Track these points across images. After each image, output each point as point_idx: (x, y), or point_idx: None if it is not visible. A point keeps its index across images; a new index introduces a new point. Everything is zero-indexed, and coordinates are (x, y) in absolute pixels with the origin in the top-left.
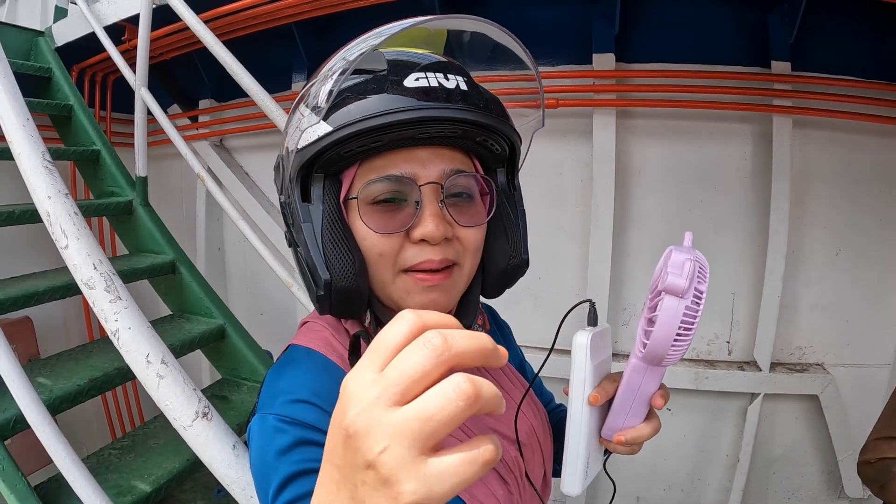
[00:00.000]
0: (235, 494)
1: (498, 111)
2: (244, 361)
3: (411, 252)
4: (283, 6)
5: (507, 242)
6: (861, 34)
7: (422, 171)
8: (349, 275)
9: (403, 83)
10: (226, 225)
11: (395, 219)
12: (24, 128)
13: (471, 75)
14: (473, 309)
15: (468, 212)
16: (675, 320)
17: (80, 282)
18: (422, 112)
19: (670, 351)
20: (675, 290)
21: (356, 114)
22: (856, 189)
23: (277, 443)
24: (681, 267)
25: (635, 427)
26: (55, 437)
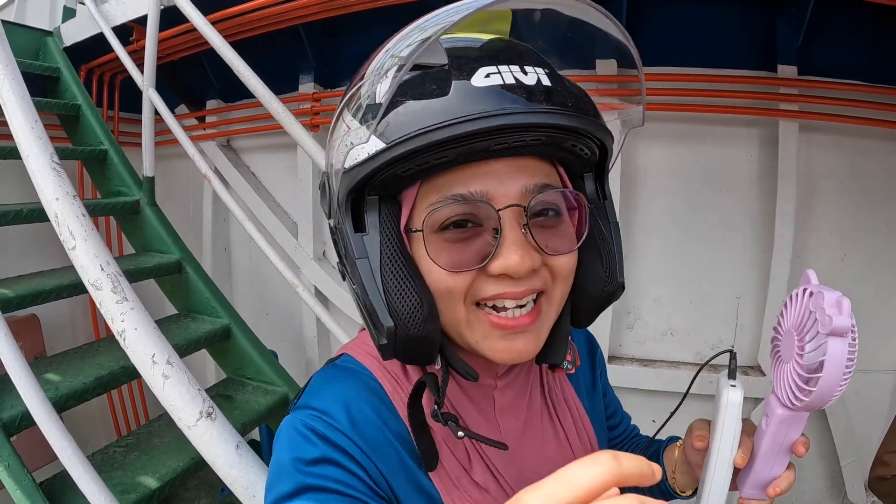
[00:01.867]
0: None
1: (588, 109)
2: (249, 361)
3: (488, 285)
4: (290, 8)
5: (601, 265)
6: (868, 38)
7: (499, 190)
8: (417, 321)
9: (471, 81)
10: (232, 225)
11: (467, 250)
12: (33, 130)
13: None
14: (562, 345)
15: (557, 234)
16: (843, 363)
17: (88, 283)
18: (498, 119)
19: (835, 395)
20: (843, 330)
21: (414, 125)
22: (862, 193)
23: (303, 450)
24: (839, 306)
25: (784, 476)
26: (61, 434)
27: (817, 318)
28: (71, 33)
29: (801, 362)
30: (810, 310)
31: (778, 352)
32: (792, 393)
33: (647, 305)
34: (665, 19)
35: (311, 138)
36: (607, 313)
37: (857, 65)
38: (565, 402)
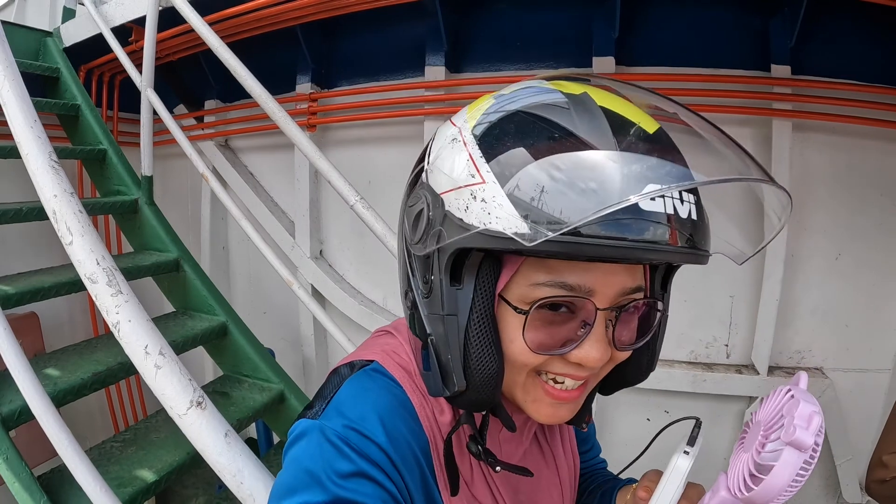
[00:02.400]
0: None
1: (709, 241)
2: (246, 359)
3: (558, 366)
4: (287, 9)
5: (644, 359)
6: (861, 38)
7: (603, 289)
8: (489, 388)
9: (639, 204)
10: (230, 224)
11: (556, 334)
12: (32, 129)
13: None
14: (586, 411)
15: (628, 332)
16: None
17: (84, 276)
18: (651, 254)
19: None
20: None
21: (570, 221)
22: (856, 193)
23: (336, 462)
24: (808, 420)
25: None
26: (59, 427)
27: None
28: (70, 34)
29: (756, 459)
30: (783, 413)
31: (744, 438)
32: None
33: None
34: (659, 20)
35: (307, 138)
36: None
37: (851, 64)
38: (558, 429)
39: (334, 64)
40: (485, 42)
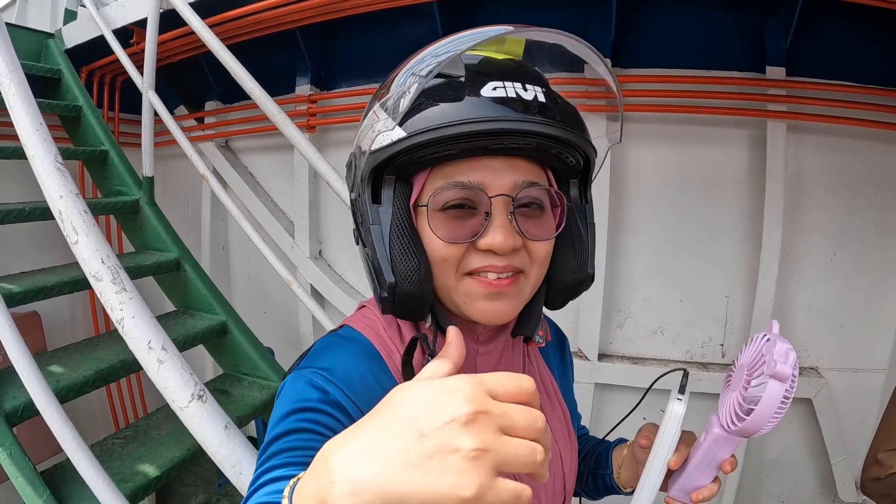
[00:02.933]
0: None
1: (574, 124)
2: (245, 357)
3: (474, 258)
4: (287, 12)
5: (573, 257)
6: (856, 39)
7: (493, 182)
8: (414, 280)
9: (481, 92)
10: (230, 225)
11: (463, 227)
12: (38, 132)
13: (549, 84)
14: (536, 320)
15: (538, 224)
16: (776, 403)
17: (89, 274)
18: (497, 124)
19: (764, 428)
20: (783, 377)
21: (431, 121)
22: (850, 193)
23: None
24: (786, 356)
25: (707, 487)
26: (62, 422)
27: (766, 361)
28: (72, 35)
29: (745, 394)
30: (763, 353)
31: (729, 381)
32: (730, 417)
33: (637, 304)
34: (654, 21)
35: (305, 139)
36: (597, 311)
37: (846, 66)
38: (541, 378)
39: (333, 66)
40: None
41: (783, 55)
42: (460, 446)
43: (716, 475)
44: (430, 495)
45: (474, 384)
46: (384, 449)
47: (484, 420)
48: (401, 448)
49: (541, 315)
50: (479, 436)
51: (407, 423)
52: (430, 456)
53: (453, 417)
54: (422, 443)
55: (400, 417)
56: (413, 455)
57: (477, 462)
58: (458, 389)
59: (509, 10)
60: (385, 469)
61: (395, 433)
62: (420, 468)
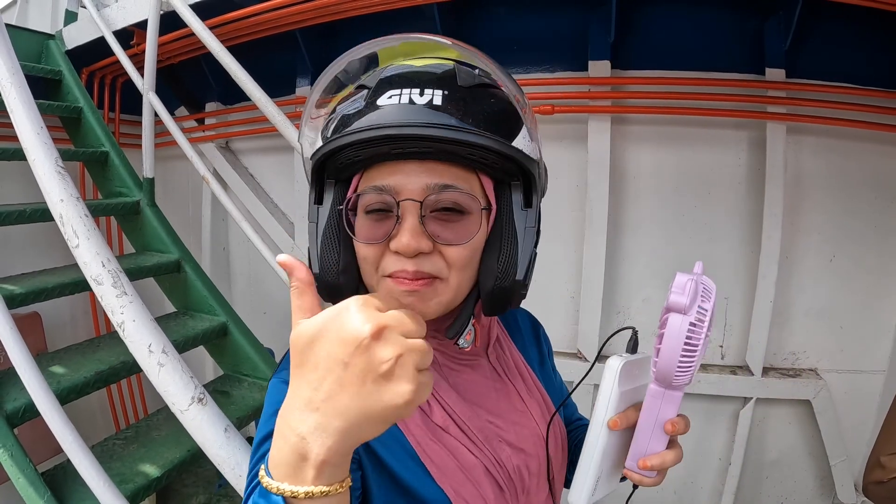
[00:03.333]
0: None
1: (481, 124)
2: (246, 358)
3: (390, 261)
4: (287, 13)
5: (496, 264)
6: (856, 41)
7: (405, 186)
8: (333, 272)
9: (377, 102)
10: (231, 226)
11: (379, 229)
12: (39, 135)
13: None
14: (461, 324)
15: (454, 228)
16: (680, 337)
17: (90, 278)
18: (379, 131)
19: (677, 370)
20: (678, 307)
21: (336, 130)
22: (850, 195)
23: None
24: (683, 286)
25: (659, 453)
26: (63, 423)
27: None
28: (73, 37)
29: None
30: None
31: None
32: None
33: (637, 306)
34: (654, 23)
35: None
36: (596, 312)
37: (845, 68)
38: (516, 368)
39: None
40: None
41: (783, 57)
42: (381, 358)
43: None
44: (381, 412)
45: (363, 304)
46: (324, 392)
47: (387, 332)
48: (336, 385)
49: (468, 320)
50: (391, 345)
51: (328, 362)
52: (362, 380)
53: (362, 337)
54: (350, 371)
55: (319, 360)
56: (349, 385)
57: (401, 368)
58: (351, 314)
59: (508, 12)
60: (336, 408)
61: (323, 376)
62: (360, 394)
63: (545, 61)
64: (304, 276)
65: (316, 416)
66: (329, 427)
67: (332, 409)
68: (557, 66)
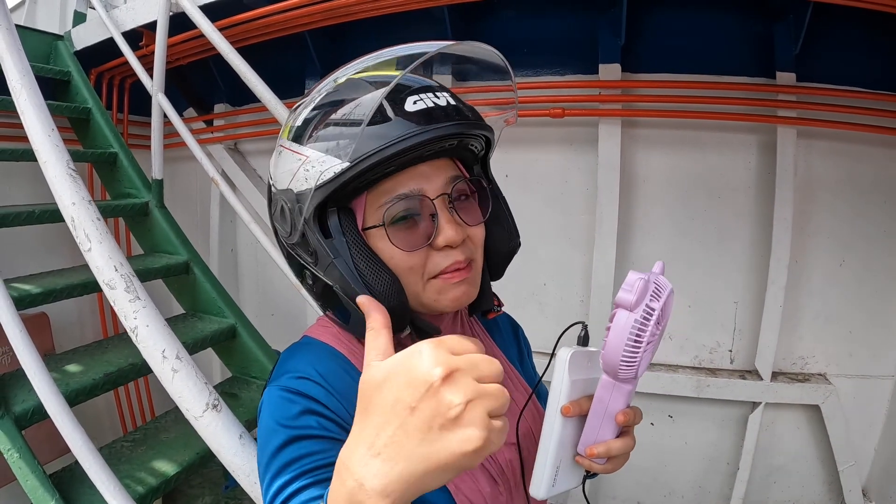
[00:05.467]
0: (240, 480)
1: (479, 116)
2: (254, 360)
3: (438, 258)
4: (296, 15)
5: (504, 230)
6: (866, 45)
7: (429, 186)
8: (392, 294)
9: (405, 108)
10: (239, 227)
11: (416, 234)
12: (50, 137)
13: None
14: (488, 293)
15: (472, 212)
16: (624, 333)
17: (102, 282)
18: (431, 133)
19: (622, 364)
20: (624, 303)
21: (372, 144)
22: (860, 200)
23: (285, 410)
24: (632, 284)
25: (605, 441)
26: (73, 425)
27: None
28: (81, 37)
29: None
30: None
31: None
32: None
33: None
34: (664, 27)
35: None
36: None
37: (856, 72)
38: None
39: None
40: None
41: (793, 61)
42: (451, 403)
43: (618, 431)
44: (445, 460)
45: (435, 347)
46: (387, 437)
47: (459, 374)
48: (400, 430)
49: (490, 288)
50: (462, 389)
51: (394, 407)
52: (428, 425)
53: (431, 382)
54: (416, 416)
55: (385, 404)
56: (413, 431)
57: (471, 413)
58: (423, 357)
59: (519, 15)
60: (399, 454)
61: (388, 420)
62: (426, 440)
63: (555, 64)
64: (381, 319)
65: (377, 461)
66: (390, 474)
67: (394, 454)
68: (567, 69)
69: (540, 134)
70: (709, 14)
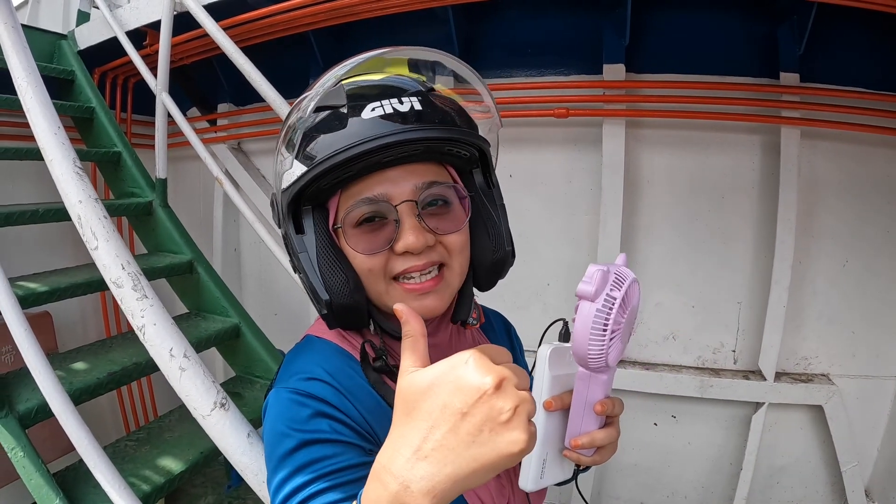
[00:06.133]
0: (248, 479)
1: (453, 122)
2: (258, 360)
3: (397, 262)
4: (300, 15)
5: (488, 238)
6: (870, 46)
7: (395, 191)
8: (345, 292)
9: (361, 115)
10: (242, 226)
11: (378, 238)
12: (56, 136)
13: (431, 88)
14: (468, 304)
15: (446, 218)
16: (587, 322)
17: (109, 281)
18: (380, 140)
19: (590, 354)
20: (584, 294)
21: (323, 151)
22: (863, 200)
23: (295, 413)
24: (591, 276)
25: (590, 433)
26: (78, 425)
27: None
28: (85, 37)
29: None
30: None
31: None
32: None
33: (650, 310)
34: (669, 27)
35: None
36: None
37: (859, 72)
38: None
39: None
40: (496, 49)
41: (797, 61)
42: (502, 409)
43: (602, 423)
44: (494, 460)
45: (479, 357)
46: (436, 440)
47: (506, 384)
48: (451, 434)
49: (472, 299)
50: (510, 396)
51: (443, 411)
52: (479, 429)
53: (483, 390)
54: (468, 420)
55: (433, 409)
56: (464, 434)
57: (517, 417)
58: (471, 366)
59: (523, 15)
60: (447, 456)
61: (436, 424)
62: (476, 442)
63: (559, 64)
64: (418, 328)
65: (424, 464)
66: (439, 475)
67: (443, 457)
68: (572, 69)
69: (544, 134)
70: (712, 15)
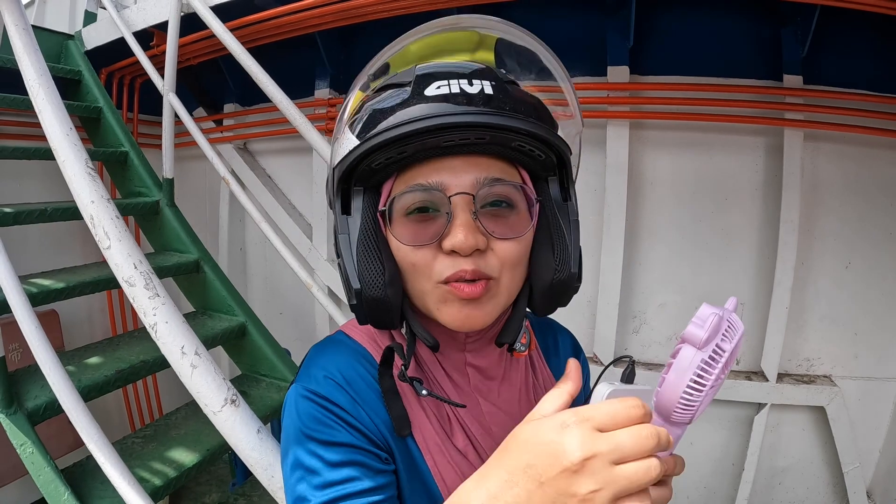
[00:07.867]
0: (258, 474)
1: (529, 113)
2: (263, 358)
3: (445, 263)
4: (307, 16)
5: (552, 255)
6: (873, 49)
7: (452, 181)
8: (378, 284)
9: (424, 93)
10: (248, 226)
11: (426, 230)
12: (68, 137)
13: (510, 80)
14: (516, 327)
15: (506, 223)
16: (688, 372)
17: (122, 279)
18: (435, 120)
19: (679, 404)
20: (693, 339)
21: (378, 126)
22: (866, 202)
23: (312, 413)
24: (705, 319)
25: None
26: (88, 421)
27: None
28: (92, 37)
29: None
30: None
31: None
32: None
33: (653, 310)
34: (673, 29)
35: (326, 143)
36: (612, 317)
37: (863, 75)
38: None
39: (352, 70)
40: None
41: (800, 64)
42: (577, 492)
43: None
44: None
45: (581, 425)
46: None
47: (594, 462)
48: (524, 496)
49: (522, 321)
50: (591, 478)
51: (526, 472)
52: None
53: (565, 467)
54: (542, 490)
55: (519, 464)
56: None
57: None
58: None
59: (528, 16)
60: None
61: (516, 481)
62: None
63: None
64: (571, 389)
65: None
66: None
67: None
68: (576, 70)
69: None
70: (717, 17)
